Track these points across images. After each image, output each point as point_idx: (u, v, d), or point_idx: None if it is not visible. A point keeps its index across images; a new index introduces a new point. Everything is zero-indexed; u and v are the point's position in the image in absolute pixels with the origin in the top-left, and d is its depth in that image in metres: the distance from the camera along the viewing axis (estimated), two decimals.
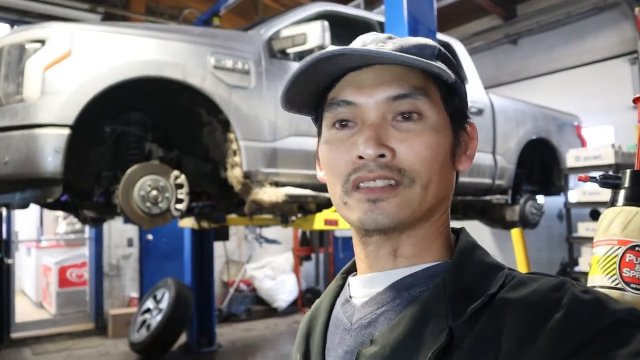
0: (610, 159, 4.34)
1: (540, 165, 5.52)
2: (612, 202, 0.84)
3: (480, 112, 4.50)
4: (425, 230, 0.63)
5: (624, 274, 0.77)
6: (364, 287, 0.64)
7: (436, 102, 0.62)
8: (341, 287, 0.71)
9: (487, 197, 4.61)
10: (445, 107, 0.64)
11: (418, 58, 0.58)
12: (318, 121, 0.69)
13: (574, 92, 6.90)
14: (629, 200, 0.82)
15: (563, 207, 5.35)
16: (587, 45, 6.94)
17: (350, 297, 0.67)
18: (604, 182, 0.92)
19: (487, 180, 4.56)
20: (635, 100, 0.93)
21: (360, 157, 0.60)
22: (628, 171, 0.86)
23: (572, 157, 4.73)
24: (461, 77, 0.67)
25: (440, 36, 4.19)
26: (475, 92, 4.55)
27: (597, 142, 5.58)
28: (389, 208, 0.59)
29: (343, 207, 0.63)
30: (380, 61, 0.61)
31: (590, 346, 0.47)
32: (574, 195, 4.96)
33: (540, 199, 5.57)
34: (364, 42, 0.65)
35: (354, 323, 0.62)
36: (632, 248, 0.78)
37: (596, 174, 0.91)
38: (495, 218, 5.06)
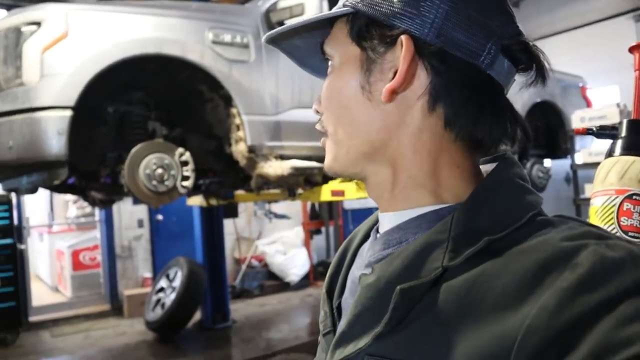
0: (615, 118, 4.29)
1: (546, 128, 5.47)
2: (610, 153, 0.84)
3: None
4: (401, 174, 0.57)
5: (622, 223, 0.78)
6: (384, 224, 0.62)
7: (341, 40, 0.59)
8: None
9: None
10: (355, 39, 0.57)
11: (317, 15, 0.59)
12: None
13: (578, 52, 6.79)
14: (625, 150, 0.81)
15: (570, 170, 5.33)
16: (590, 4, 6.80)
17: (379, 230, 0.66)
18: (601, 133, 0.92)
19: None
20: (632, 49, 0.93)
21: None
22: (625, 121, 0.85)
23: (577, 118, 4.69)
24: None
25: None
26: None
27: (602, 103, 5.51)
28: (326, 159, 0.63)
29: None
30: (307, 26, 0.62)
31: (604, 318, 0.40)
32: (580, 157, 4.93)
33: (547, 162, 5.55)
34: None
35: (366, 258, 0.62)
36: (630, 197, 0.78)
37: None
38: None
